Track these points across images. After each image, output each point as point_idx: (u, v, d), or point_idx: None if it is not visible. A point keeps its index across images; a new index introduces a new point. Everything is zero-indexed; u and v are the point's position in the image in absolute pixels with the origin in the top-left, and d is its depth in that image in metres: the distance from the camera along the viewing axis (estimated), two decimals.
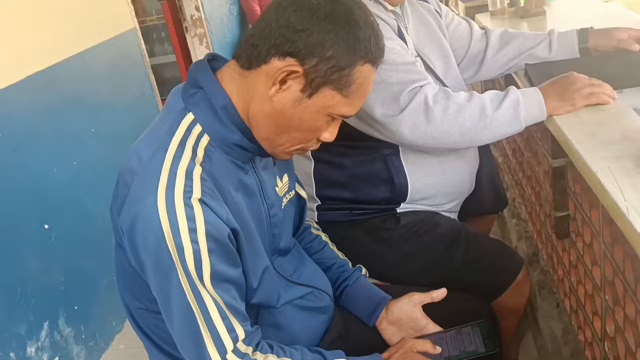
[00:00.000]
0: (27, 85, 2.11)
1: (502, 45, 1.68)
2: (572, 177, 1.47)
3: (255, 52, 0.91)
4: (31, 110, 2.14)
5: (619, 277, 1.19)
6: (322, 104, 0.92)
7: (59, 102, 2.30)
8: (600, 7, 2.32)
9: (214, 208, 0.90)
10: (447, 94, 1.32)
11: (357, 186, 1.48)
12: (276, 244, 1.11)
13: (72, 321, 2.21)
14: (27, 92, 2.12)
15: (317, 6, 0.89)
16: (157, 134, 0.95)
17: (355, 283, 1.24)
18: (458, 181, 1.52)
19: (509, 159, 2.39)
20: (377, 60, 0.94)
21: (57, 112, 2.28)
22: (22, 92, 2.09)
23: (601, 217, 1.26)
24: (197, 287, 0.89)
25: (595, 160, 1.07)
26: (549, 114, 1.30)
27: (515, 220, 2.25)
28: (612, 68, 1.47)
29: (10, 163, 2.00)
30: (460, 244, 1.45)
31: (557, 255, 1.71)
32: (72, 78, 2.39)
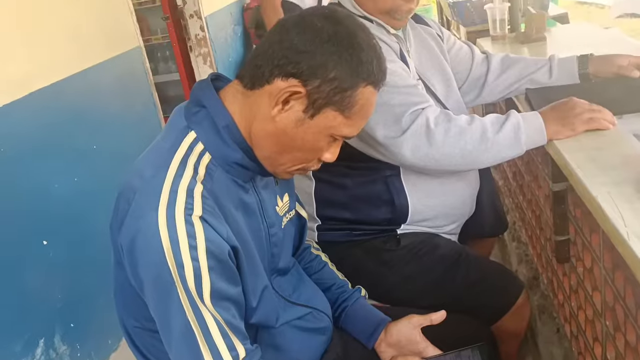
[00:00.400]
0: (31, 101, 2.13)
1: (503, 69, 1.69)
2: (572, 202, 1.47)
3: (258, 73, 0.92)
4: (35, 125, 2.15)
5: (619, 303, 1.18)
6: (324, 125, 0.93)
7: (63, 118, 2.31)
8: (601, 34, 2.34)
9: (215, 226, 0.90)
10: (449, 116, 1.33)
11: (358, 207, 1.49)
12: (275, 264, 1.10)
13: (68, 339, 2.19)
14: (32, 108, 2.13)
15: (320, 28, 0.90)
16: (159, 152, 0.96)
17: (354, 304, 1.24)
18: (459, 203, 1.53)
19: (510, 182, 2.40)
20: (379, 82, 0.96)
21: (60, 128, 2.29)
22: (27, 108, 2.10)
23: (602, 242, 1.26)
24: (197, 304, 0.89)
25: (595, 185, 1.07)
26: (549, 139, 1.31)
27: (516, 243, 2.25)
28: (612, 94, 1.48)
29: (12, 177, 2.00)
30: (460, 266, 1.45)
31: (557, 279, 1.70)
32: (76, 94, 2.40)
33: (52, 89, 2.25)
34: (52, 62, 2.28)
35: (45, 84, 2.21)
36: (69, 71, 2.37)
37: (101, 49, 2.64)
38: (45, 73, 2.23)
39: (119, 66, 2.77)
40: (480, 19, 2.79)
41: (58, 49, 2.32)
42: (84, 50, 2.50)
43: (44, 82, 2.21)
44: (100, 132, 2.54)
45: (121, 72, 2.80)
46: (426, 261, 1.47)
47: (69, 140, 2.32)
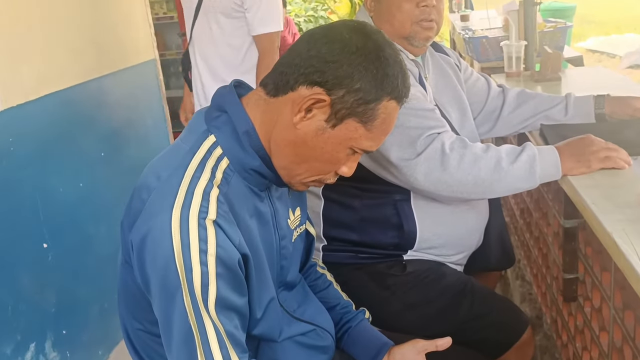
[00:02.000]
0: (44, 103, 2.13)
1: (518, 104, 1.70)
2: (583, 239, 1.46)
3: (283, 80, 0.92)
4: (45, 128, 2.15)
5: (628, 344, 1.16)
6: (345, 136, 0.93)
7: (73, 123, 2.32)
8: (615, 78, 2.36)
9: (227, 231, 0.89)
10: (464, 143, 1.33)
11: (365, 229, 1.47)
12: (283, 277, 1.09)
13: (59, 345, 2.15)
14: (44, 110, 2.14)
15: (348, 40, 0.91)
16: (177, 153, 0.95)
17: (357, 326, 1.22)
18: (467, 233, 1.51)
19: (517, 220, 2.38)
20: (402, 98, 0.96)
21: (70, 133, 2.29)
22: (39, 110, 2.11)
23: (613, 281, 1.24)
24: (200, 310, 0.87)
25: (610, 222, 1.07)
26: (564, 174, 1.30)
27: (520, 281, 2.22)
28: (627, 134, 1.48)
29: (19, 178, 1.99)
30: (466, 298, 1.43)
31: (562, 319, 1.67)
32: (89, 101, 2.41)
33: (66, 93, 2.26)
34: (68, 67, 2.29)
35: (59, 88, 2.22)
36: (84, 77, 2.38)
37: (117, 58, 2.65)
38: (60, 77, 2.24)
39: (133, 77, 2.79)
40: (495, 55, 2.81)
41: (75, 55, 2.34)
42: (101, 58, 2.51)
43: (58, 86, 2.22)
44: (110, 140, 2.55)
45: (135, 83, 2.81)
46: (431, 290, 1.44)
47: (78, 146, 2.32)
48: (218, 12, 2.39)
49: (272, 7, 2.41)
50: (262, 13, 2.37)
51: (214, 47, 2.46)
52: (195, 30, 2.50)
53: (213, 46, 2.46)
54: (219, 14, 2.39)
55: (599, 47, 8.02)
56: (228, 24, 2.40)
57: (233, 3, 2.36)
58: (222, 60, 2.47)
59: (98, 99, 2.49)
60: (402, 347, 1.16)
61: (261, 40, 2.41)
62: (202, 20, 2.45)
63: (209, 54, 2.49)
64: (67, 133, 2.27)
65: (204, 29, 2.46)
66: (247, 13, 2.37)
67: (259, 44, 2.42)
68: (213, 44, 2.46)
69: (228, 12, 2.38)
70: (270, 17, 2.39)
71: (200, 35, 2.48)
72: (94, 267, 2.32)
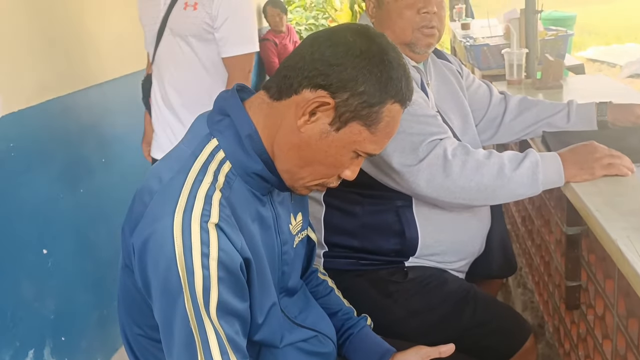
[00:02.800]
0: (45, 109, 2.13)
1: (520, 111, 1.70)
2: (586, 247, 1.45)
3: (286, 83, 0.92)
4: (46, 133, 2.15)
5: (632, 352, 1.15)
6: (349, 139, 0.93)
7: (74, 128, 2.32)
8: (617, 86, 2.36)
9: (230, 235, 0.88)
10: (467, 149, 1.32)
11: (367, 236, 1.46)
12: (285, 282, 1.08)
13: (58, 352, 2.14)
14: (45, 116, 2.14)
15: (352, 43, 0.91)
16: (179, 157, 0.95)
17: (359, 332, 1.21)
18: (469, 240, 1.50)
19: (518, 227, 2.37)
20: (406, 101, 0.95)
21: (71, 139, 2.29)
22: (40, 115, 2.11)
23: (616, 289, 1.23)
24: (201, 315, 0.86)
25: (614, 229, 1.06)
26: (567, 181, 1.30)
27: (521, 289, 2.21)
28: (630, 141, 1.48)
29: (19, 183, 1.99)
30: (468, 305, 1.42)
31: (564, 327, 1.66)
32: (90, 107, 2.41)
33: (67, 99, 2.26)
34: (70, 73, 2.29)
35: (60, 94, 2.22)
36: (85, 83, 2.39)
37: (118, 64, 2.66)
38: (61, 83, 2.24)
39: (134, 83, 2.78)
40: (496, 63, 2.81)
41: (76, 61, 2.34)
42: (103, 64, 2.52)
43: (59, 92, 2.22)
44: (110, 146, 2.54)
45: (136, 90, 2.80)
46: (433, 297, 1.43)
47: (78, 151, 2.32)
48: (188, 34, 2.05)
49: (247, 24, 2.10)
50: (236, 31, 2.05)
51: (187, 72, 2.10)
52: (159, 53, 2.12)
53: (186, 71, 2.10)
54: (189, 37, 2.06)
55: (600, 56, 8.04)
56: (202, 47, 2.07)
57: (204, 23, 2.02)
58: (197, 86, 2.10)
59: (99, 105, 2.49)
60: (405, 353, 1.15)
61: (234, 63, 2.07)
62: (169, 43, 2.09)
63: (180, 80, 2.12)
64: (68, 139, 2.27)
65: (172, 53, 2.09)
66: (217, 32, 2.03)
67: (231, 67, 2.07)
68: (186, 70, 2.10)
69: (200, 34, 2.05)
70: (245, 36, 2.07)
71: (168, 60, 2.11)
72: (94, 274, 2.31)
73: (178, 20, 2.04)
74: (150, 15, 2.11)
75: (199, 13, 2.00)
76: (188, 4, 2.01)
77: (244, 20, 2.07)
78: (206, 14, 1.99)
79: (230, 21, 2.02)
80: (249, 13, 2.12)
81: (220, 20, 2.01)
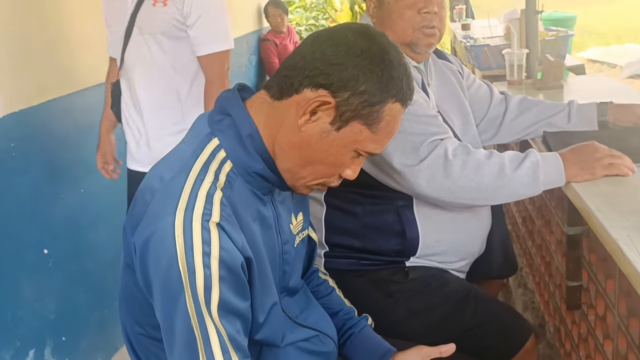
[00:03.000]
0: (46, 109, 2.14)
1: (521, 111, 1.69)
2: (587, 247, 1.45)
3: (287, 82, 0.92)
4: (47, 134, 2.15)
5: (633, 352, 1.15)
6: (350, 139, 0.93)
7: (74, 129, 2.32)
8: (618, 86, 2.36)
9: (231, 234, 0.88)
10: (467, 149, 1.32)
11: (368, 236, 1.46)
12: (286, 282, 1.08)
13: (58, 352, 2.14)
14: (45, 116, 2.14)
15: (353, 42, 0.91)
16: (180, 156, 0.95)
17: (360, 332, 1.21)
18: (470, 240, 1.50)
19: (518, 228, 2.37)
20: (406, 100, 0.95)
21: (71, 139, 2.29)
22: (40, 115, 2.11)
23: (617, 288, 1.23)
24: (202, 314, 0.86)
25: (615, 229, 1.06)
26: (568, 181, 1.30)
27: (522, 289, 2.21)
28: (631, 141, 1.48)
29: (20, 183, 1.99)
30: (469, 305, 1.42)
31: (565, 327, 1.66)
32: (89, 107, 2.40)
33: (67, 99, 2.26)
34: (70, 73, 2.29)
35: (60, 94, 2.22)
36: (85, 83, 2.38)
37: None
38: (62, 83, 2.24)
39: None
40: (496, 63, 2.81)
41: (76, 61, 2.34)
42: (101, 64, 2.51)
43: (60, 92, 2.22)
44: None
45: None
46: (434, 297, 1.43)
47: (79, 152, 2.32)
48: (157, 32, 1.92)
49: (221, 21, 1.97)
50: (210, 28, 1.93)
51: (156, 73, 1.97)
52: (128, 55, 1.99)
53: (155, 72, 1.97)
54: (159, 35, 1.92)
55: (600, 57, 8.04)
56: (171, 46, 1.94)
57: (174, 20, 1.90)
58: (165, 87, 1.98)
59: (99, 105, 2.48)
60: (406, 353, 1.15)
61: (210, 61, 1.95)
62: (138, 43, 1.96)
63: (149, 83, 1.99)
64: (69, 139, 2.27)
65: (141, 54, 1.96)
66: (191, 30, 1.91)
67: (208, 66, 1.96)
68: (155, 70, 1.97)
69: (170, 32, 1.92)
70: (219, 33, 1.96)
71: (136, 62, 1.98)
72: (94, 273, 2.31)
73: (147, 17, 1.92)
74: (117, 15, 1.99)
75: (169, 9, 1.90)
76: (158, 0, 1.91)
77: (218, 17, 1.96)
78: (177, 10, 1.90)
79: (204, 18, 1.91)
80: (222, 8, 1.99)
81: (193, 18, 1.91)
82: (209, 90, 1.95)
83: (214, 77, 1.95)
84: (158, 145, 1.99)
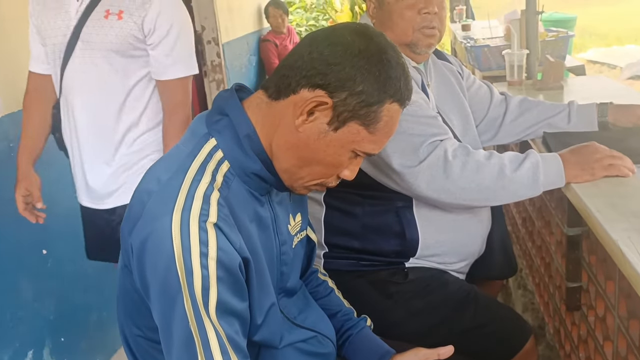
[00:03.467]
0: None
1: (521, 112, 1.69)
2: (587, 248, 1.44)
3: (285, 83, 0.92)
4: None
5: (633, 353, 1.14)
6: (347, 139, 0.92)
7: None
8: (618, 87, 2.35)
9: (228, 235, 0.88)
10: (467, 150, 1.32)
11: (367, 237, 1.46)
12: (284, 283, 1.08)
13: (57, 353, 2.14)
14: None
15: (351, 42, 0.90)
16: (177, 157, 0.94)
17: (359, 333, 1.20)
18: (469, 241, 1.50)
19: (518, 229, 2.37)
20: (405, 100, 0.95)
21: None
22: None
23: (617, 290, 1.23)
24: (200, 315, 0.86)
25: (615, 230, 1.06)
26: (568, 182, 1.30)
27: (522, 291, 2.20)
28: (631, 142, 1.47)
29: None
30: (469, 307, 1.42)
31: (565, 329, 1.66)
32: None
33: None
34: None
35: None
36: None
37: None
38: None
39: None
40: (496, 64, 2.81)
41: None
42: None
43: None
44: None
45: None
46: (434, 298, 1.43)
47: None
48: (110, 49, 1.62)
49: (187, 41, 1.71)
50: (175, 49, 1.65)
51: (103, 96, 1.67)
52: (68, 74, 1.68)
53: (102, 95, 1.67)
54: (111, 52, 1.63)
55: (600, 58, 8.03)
56: (125, 65, 1.65)
57: (131, 37, 1.62)
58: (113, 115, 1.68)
59: None
60: (403, 355, 1.15)
61: (173, 87, 1.67)
62: (82, 60, 1.65)
63: (92, 107, 1.68)
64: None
65: (85, 73, 1.66)
66: (153, 50, 1.64)
67: (169, 93, 1.68)
68: (102, 93, 1.67)
69: (125, 50, 1.63)
70: (185, 56, 1.69)
71: (79, 82, 1.67)
72: (93, 275, 2.30)
73: (97, 32, 1.62)
74: (55, 26, 1.67)
75: (126, 24, 1.61)
76: (111, 12, 1.61)
77: (184, 36, 1.68)
78: (134, 25, 1.61)
79: (170, 37, 1.64)
80: (189, 27, 1.74)
81: (157, 36, 1.63)
82: (169, 122, 1.69)
83: (176, 107, 1.69)
84: (97, 182, 1.75)
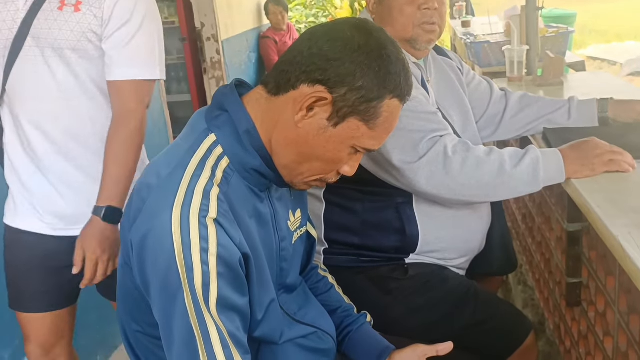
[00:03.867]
0: None
1: (521, 108, 1.69)
2: (587, 244, 1.44)
3: (284, 78, 0.91)
4: None
5: (633, 349, 1.14)
6: (347, 135, 0.92)
7: None
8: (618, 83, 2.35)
9: (228, 230, 0.88)
10: (467, 146, 1.32)
11: (367, 233, 1.46)
12: (283, 279, 1.08)
13: None
14: None
15: (351, 38, 0.90)
16: (177, 152, 0.94)
17: (359, 329, 1.20)
18: (469, 237, 1.50)
19: (519, 225, 2.37)
20: (405, 96, 0.95)
21: None
22: None
23: (617, 285, 1.23)
24: (201, 310, 0.86)
25: (615, 226, 1.06)
26: (568, 177, 1.29)
27: (522, 287, 2.20)
28: (631, 138, 1.47)
29: None
30: (469, 302, 1.42)
31: (565, 325, 1.66)
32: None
33: None
34: None
35: None
36: None
37: None
38: None
39: None
40: (496, 60, 2.81)
41: None
42: None
43: None
44: None
45: None
46: (434, 294, 1.43)
47: None
48: (65, 47, 1.38)
49: (150, 41, 1.43)
50: (131, 46, 1.39)
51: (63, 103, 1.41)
52: (15, 77, 1.41)
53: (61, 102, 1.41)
54: (66, 51, 1.38)
55: (600, 54, 8.03)
56: (86, 67, 1.41)
57: (90, 32, 1.38)
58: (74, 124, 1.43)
59: None
60: (402, 351, 1.15)
61: (122, 91, 1.41)
62: (33, 61, 1.39)
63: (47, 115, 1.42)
64: None
65: (36, 75, 1.40)
66: (105, 43, 1.39)
67: (118, 97, 1.41)
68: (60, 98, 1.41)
69: (83, 48, 1.39)
70: (144, 57, 1.42)
71: (28, 85, 1.41)
72: None
73: (49, 26, 1.38)
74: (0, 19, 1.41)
75: (84, 17, 1.37)
76: (66, 3, 1.38)
77: (148, 34, 1.42)
78: (93, 18, 1.38)
79: (127, 29, 1.39)
80: (157, 25, 1.47)
81: (112, 26, 1.39)
82: (114, 132, 1.42)
83: (126, 115, 1.42)
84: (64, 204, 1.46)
